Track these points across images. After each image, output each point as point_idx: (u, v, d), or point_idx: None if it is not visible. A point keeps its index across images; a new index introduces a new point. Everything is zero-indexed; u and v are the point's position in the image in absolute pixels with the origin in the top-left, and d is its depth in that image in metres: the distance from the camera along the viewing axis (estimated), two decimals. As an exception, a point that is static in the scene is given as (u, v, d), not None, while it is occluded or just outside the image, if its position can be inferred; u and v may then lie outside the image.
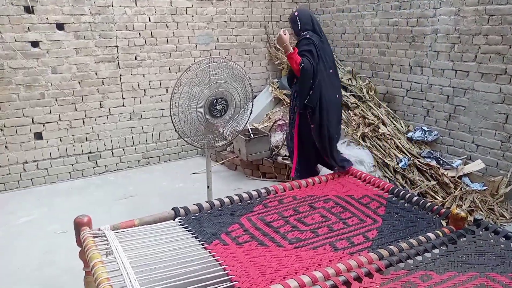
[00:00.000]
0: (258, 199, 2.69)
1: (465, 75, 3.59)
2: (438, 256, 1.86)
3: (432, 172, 3.38)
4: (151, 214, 2.41)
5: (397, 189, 2.62)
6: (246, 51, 4.99)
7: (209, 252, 1.95)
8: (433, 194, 3.21)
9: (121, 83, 4.23)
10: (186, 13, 4.45)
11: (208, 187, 3.33)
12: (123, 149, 4.41)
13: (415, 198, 2.51)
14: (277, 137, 4.28)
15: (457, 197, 3.15)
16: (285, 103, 4.63)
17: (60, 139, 4.03)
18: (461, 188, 3.23)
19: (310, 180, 2.96)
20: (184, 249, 1.96)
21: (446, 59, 3.74)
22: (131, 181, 4.15)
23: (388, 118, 4.07)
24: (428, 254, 1.90)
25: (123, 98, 4.28)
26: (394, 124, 4.02)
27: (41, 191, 3.90)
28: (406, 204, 2.56)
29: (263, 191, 2.75)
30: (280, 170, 4.11)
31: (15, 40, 3.65)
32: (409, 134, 3.93)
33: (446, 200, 3.12)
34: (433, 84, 3.91)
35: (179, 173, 4.40)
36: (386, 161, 3.48)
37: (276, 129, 4.39)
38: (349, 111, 4.11)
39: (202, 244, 2.04)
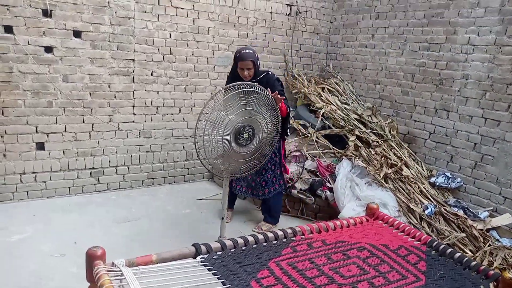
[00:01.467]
0: (284, 240, 2.44)
1: (496, 124, 3.48)
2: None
3: (460, 222, 3.20)
4: (169, 250, 2.15)
5: (436, 243, 2.41)
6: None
7: (242, 305, 1.69)
8: (461, 246, 3.02)
9: (134, 98, 4.04)
10: (208, 33, 4.33)
11: (222, 218, 3.09)
12: (128, 167, 4.17)
13: (457, 254, 2.30)
14: (292, 169, 4.08)
15: (487, 252, 2.96)
16: (300, 134, 4.47)
17: (63, 152, 3.79)
18: (490, 243, 3.04)
19: (338, 223, 2.73)
20: (213, 299, 1.70)
21: (476, 106, 3.63)
22: (134, 202, 3.90)
23: (413, 160, 3.92)
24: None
25: (134, 114, 4.08)
26: (416, 167, 3.87)
27: (37, 205, 3.63)
28: (447, 260, 2.34)
29: (289, 231, 2.51)
30: (293, 204, 3.89)
31: (28, 44, 3.47)
32: (432, 179, 3.77)
33: (476, 255, 2.92)
34: (459, 129, 3.79)
35: (184, 197, 4.16)
36: (411, 206, 3.29)
37: (291, 160, 4.20)
38: (370, 149, 3.95)
39: (232, 293, 1.78)
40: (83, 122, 3.82)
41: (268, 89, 2.88)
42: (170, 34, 4.09)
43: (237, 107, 2.71)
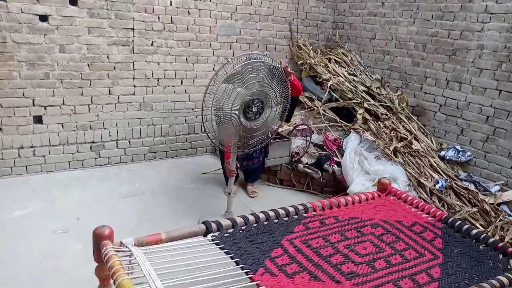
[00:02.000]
0: (295, 217, 2.39)
1: (511, 96, 3.37)
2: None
3: (471, 197, 3.15)
4: (178, 228, 2.09)
5: (451, 219, 2.36)
6: (268, 47, 4.69)
7: (257, 286, 1.64)
8: (473, 221, 2.98)
9: (134, 69, 3.90)
10: (210, 1, 4.14)
11: (229, 193, 3.03)
12: (129, 141, 4.08)
13: (474, 231, 2.26)
14: (298, 143, 4.00)
15: (498, 227, 2.93)
16: (306, 106, 4.36)
17: (62, 125, 3.68)
18: (501, 218, 3.01)
19: (349, 198, 2.68)
20: (226, 278, 1.65)
21: (490, 78, 3.51)
22: (136, 177, 3.83)
23: (422, 133, 3.83)
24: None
25: (134, 86, 3.95)
26: (425, 140, 3.79)
27: (36, 180, 3.56)
28: (464, 237, 2.29)
29: (300, 208, 2.45)
30: (299, 179, 3.84)
31: (22, 12, 3.30)
32: (442, 153, 3.70)
33: (488, 230, 2.89)
34: (472, 102, 3.69)
35: (187, 171, 4.09)
36: (421, 180, 3.24)
37: (297, 134, 4.11)
38: (379, 122, 3.85)
39: (247, 273, 1.74)
40: (82, 94, 3.69)
41: (281, 59, 2.79)
42: (170, 2, 3.91)
43: (246, 79, 2.60)
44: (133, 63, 3.87)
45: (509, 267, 2.02)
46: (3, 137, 3.45)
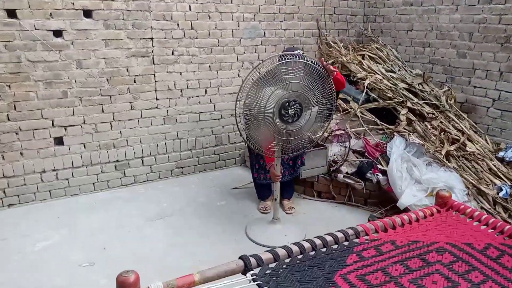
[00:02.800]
0: (346, 244, 2.08)
1: None
2: None
3: (542, 205, 2.77)
4: (213, 267, 1.83)
5: (533, 239, 2.00)
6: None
7: None
8: (548, 235, 2.59)
9: (155, 81, 3.72)
10: (231, 2, 3.92)
11: (275, 199, 3.04)
12: (155, 157, 3.90)
13: None
14: (335, 150, 3.70)
15: None
16: (341, 109, 4.05)
17: (84, 145, 3.54)
18: None
19: (405, 217, 2.35)
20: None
21: (555, 65, 3.11)
22: (164, 195, 3.64)
23: (475, 133, 3.46)
24: None
25: (156, 99, 3.76)
26: (480, 140, 3.41)
27: (60, 205, 3.44)
28: (553, 263, 1.92)
29: (350, 232, 2.15)
30: (339, 190, 3.55)
31: (35, 28, 3.19)
32: (500, 154, 3.32)
33: None
34: (532, 94, 3.29)
35: (217, 186, 3.88)
36: (482, 188, 2.87)
37: (333, 140, 3.81)
38: (425, 122, 3.50)
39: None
40: (103, 111, 3.54)
41: (322, 57, 2.58)
42: (189, 6, 3.71)
43: (281, 80, 2.43)
44: (154, 74, 3.69)
45: None
46: (24, 161, 3.34)
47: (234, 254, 2.92)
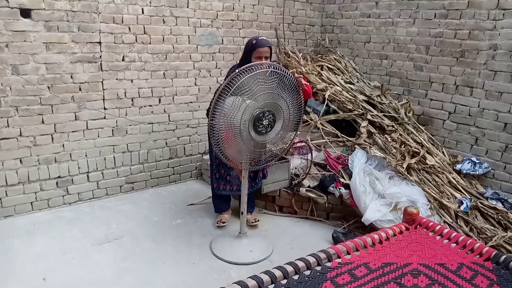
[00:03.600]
0: (319, 269, 1.97)
1: (533, 100, 3.11)
2: None
3: (500, 217, 2.84)
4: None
5: (503, 258, 2.01)
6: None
7: None
8: (509, 248, 2.66)
9: (103, 89, 3.44)
10: (187, 7, 3.74)
11: (242, 213, 2.94)
12: (102, 173, 3.60)
13: (536, 273, 1.89)
14: (296, 162, 3.62)
15: (535, 252, 2.62)
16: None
17: (20, 161, 3.19)
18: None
19: (376, 236, 2.28)
20: None
21: (507, 81, 3.26)
22: (113, 215, 3.37)
23: (432, 145, 3.52)
24: None
25: (104, 109, 3.48)
26: (438, 153, 3.47)
27: (-9, 229, 3.01)
28: (524, 282, 1.91)
29: (322, 256, 2.05)
30: (301, 204, 3.46)
31: (-36, 28, 2.79)
32: (458, 166, 3.40)
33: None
34: (486, 108, 3.42)
35: (172, 203, 3.65)
36: (444, 202, 2.90)
37: (294, 153, 3.73)
38: (385, 135, 3.52)
39: None
40: (43, 122, 3.21)
41: (293, 70, 2.65)
42: (142, 9, 3.49)
43: (256, 91, 2.38)
44: (102, 82, 3.41)
45: None
46: None
47: (193, 280, 2.71)
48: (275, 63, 2.63)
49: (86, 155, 3.49)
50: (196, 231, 3.18)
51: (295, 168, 3.62)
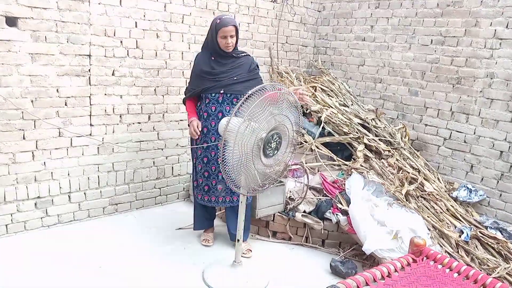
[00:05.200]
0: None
1: (529, 129, 3.16)
2: None
3: (501, 248, 2.82)
4: None
5: (518, 294, 1.96)
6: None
7: None
8: (510, 279, 2.63)
9: (91, 104, 3.28)
10: (182, 22, 3.65)
11: (238, 240, 2.81)
12: (85, 193, 3.41)
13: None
14: (290, 186, 3.53)
15: (538, 284, 2.60)
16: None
17: (-3, 179, 2.95)
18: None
19: (384, 269, 2.21)
20: None
21: (503, 109, 3.30)
22: (95, 241, 3.13)
23: (430, 172, 3.51)
24: None
25: (91, 125, 3.32)
26: (434, 180, 3.47)
27: (-40, 254, 2.77)
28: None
29: (333, 291, 1.93)
30: (296, 230, 3.35)
31: None
32: (454, 194, 3.39)
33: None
34: (482, 135, 3.44)
35: (159, 226, 3.47)
36: (445, 231, 2.87)
37: (287, 175, 3.65)
38: (382, 160, 3.49)
39: None
40: (24, 138, 3.00)
41: (296, 89, 2.72)
42: (136, 23, 3.37)
43: (266, 114, 2.35)
44: (89, 97, 3.25)
45: None
46: None
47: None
48: (280, 84, 2.60)
49: (68, 174, 3.28)
50: (187, 259, 3.00)
51: (290, 191, 3.53)
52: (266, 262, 3.07)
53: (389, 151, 3.56)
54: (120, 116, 3.47)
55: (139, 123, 3.59)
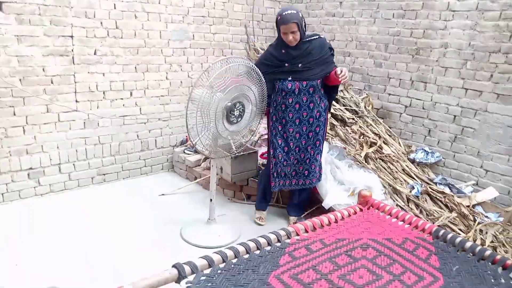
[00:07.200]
0: (278, 245, 2.14)
1: (478, 94, 3.39)
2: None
3: (447, 201, 3.10)
4: (145, 277, 1.78)
5: (442, 232, 2.25)
6: (224, 52, 4.45)
7: None
8: (452, 227, 2.92)
9: (75, 82, 3.50)
10: (159, 3, 3.83)
11: (211, 200, 3.08)
12: (73, 164, 3.66)
13: (469, 244, 2.14)
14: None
15: (477, 230, 2.89)
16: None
17: (-9, 151, 3.20)
18: (479, 220, 2.97)
19: (332, 216, 2.48)
20: None
21: (456, 76, 3.52)
22: (85, 208, 3.41)
23: (389, 136, 3.77)
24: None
25: (76, 102, 3.54)
26: (394, 143, 3.72)
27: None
28: (458, 252, 2.16)
29: (282, 233, 2.22)
30: (268, 194, 3.62)
31: None
32: (412, 156, 3.66)
33: (469, 235, 2.84)
34: (438, 102, 3.68)
35: (143, 194, 3.74)
36: (397, 187, 3.14)
37: (262, 144, 3.90)
38: (346, 127, 3.74)
39: (237, 329, 1.47)
40: (14, 114, 3.24)
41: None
42: (114, 5, 3.56)
43: (228, 84, 2.60)
44: (73, 75, 3.47)
45: (511, 282, 1.93)
46: None
47: (161, 262, 2.83)
48: (244, 58, 2.81)
49: (58, 147, 3.54)
50: (168, 219, 3.30)
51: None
52: (239, 220, 3.36)
53: (353, 119, 3.80)
54: (103, 93, 3.70)
55: (122, 99, 3.82)
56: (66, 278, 2.47)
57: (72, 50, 3.42)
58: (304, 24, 2.90)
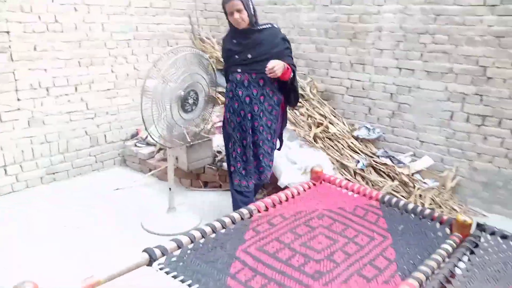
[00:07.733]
0: (242, 222, 2.26)
1: (410, 73, 3.69)
2: (467, 271, 1.73)
3: (390, 171, 3.38)
4: (116, 264, 1.81)
5: (387, 197, 2.48)
6: (169, 42, 4.42)
7: (229, 311, 1.49)
8: (395, 194, 3.20)
9: (16, 80, 3.35)
10: (99, -5, 3.72)
11: (170, 189, 3.12)
12: (20, 165, 3.51)
13: (411, 206, 2.39)
14: (219, 141, 3.86)
15: (416, 195, 3.19)
16: (220, 102, 4.22)
17: None
18: (419, 186, 3.28)
19: (288, 192, 2.64)
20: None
21: (390, 57, 3.80)
22: (35, 209, 3.29)
23: (334, 117, 3.99)
24: (458, 271, 1.76)
25: (18, 100, 3.39)
26: (338, 123, 3.96)
27: None
28: (403, 213, 2.41)
29: (244, 211, 2.34)
30: (225, 178, 3.72)
31: None
32: (355, 133, 3.91)
33: (410, 200, 3.13)
34: (375, 82, 3.95)
35: (96, 190, 3.66)
36: (344, 162, 3.37)
37: (215, 132, 3.97)
38: (295, 111, 3.91)
39: (213, 300, 1.57)
40: (-50, 116, 3.04)
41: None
42: (51, -2, 3.42)
43: (180, 74, 2.65)
44: (13, 72, 3.31)
45: (447, 233, 2.19)
46: None
47: (123, 254, 2.84)
48: (192, 47, 2.84)
49: (1, 149, 3.36)
50: (127, 212, 3.28)
51: (217, 145, 3.87)
52: (199, 207, 3.42)
53: (300, 102, 3.98)
54: (47, 89, 3.56)
55: (67, 94, 3.70)
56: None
57: (10, 46, 3.25)
58: (252, 6, 2.71)
